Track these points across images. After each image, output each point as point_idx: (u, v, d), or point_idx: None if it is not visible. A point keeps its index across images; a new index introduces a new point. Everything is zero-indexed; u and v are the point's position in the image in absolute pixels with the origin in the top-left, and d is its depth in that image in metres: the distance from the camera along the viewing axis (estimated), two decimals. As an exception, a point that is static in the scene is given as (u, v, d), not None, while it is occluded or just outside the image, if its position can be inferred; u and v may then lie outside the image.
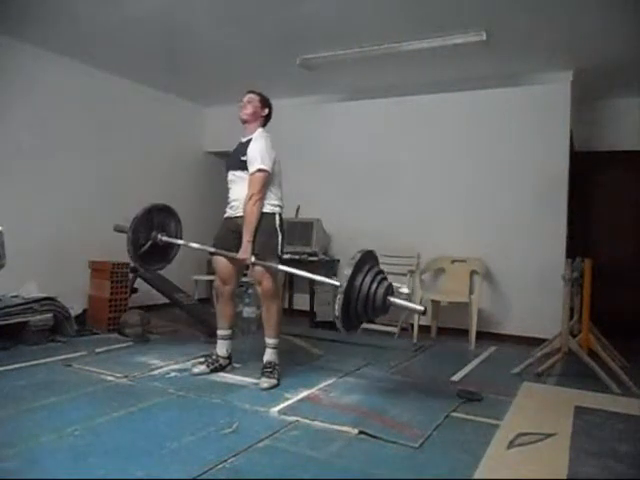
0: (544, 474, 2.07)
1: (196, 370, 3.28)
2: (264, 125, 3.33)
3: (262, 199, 3.11)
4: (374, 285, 2.67)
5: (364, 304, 2.67)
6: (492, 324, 4.87)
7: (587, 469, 2.12)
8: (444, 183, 5.16)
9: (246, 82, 5.37)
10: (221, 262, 3.28)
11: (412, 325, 4.76)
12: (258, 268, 3.12)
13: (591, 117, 5.36)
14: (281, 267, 3.11)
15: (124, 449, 2.15)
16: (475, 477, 2.02)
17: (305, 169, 5.69)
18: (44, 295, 4.06)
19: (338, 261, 5.62)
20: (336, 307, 2.61)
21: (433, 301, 4.87)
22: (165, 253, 3.64)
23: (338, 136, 5.66)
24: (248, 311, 4.85)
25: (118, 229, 4.17)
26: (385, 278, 2.77)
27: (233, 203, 3.28)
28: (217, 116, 6.29)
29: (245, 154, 3.13)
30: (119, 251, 4.95)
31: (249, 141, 3.20)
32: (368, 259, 2.77)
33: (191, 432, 2.33)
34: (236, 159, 3.21)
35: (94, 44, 4.49)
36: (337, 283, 2.74)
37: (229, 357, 3.38)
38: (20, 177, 4.49)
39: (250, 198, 3.08)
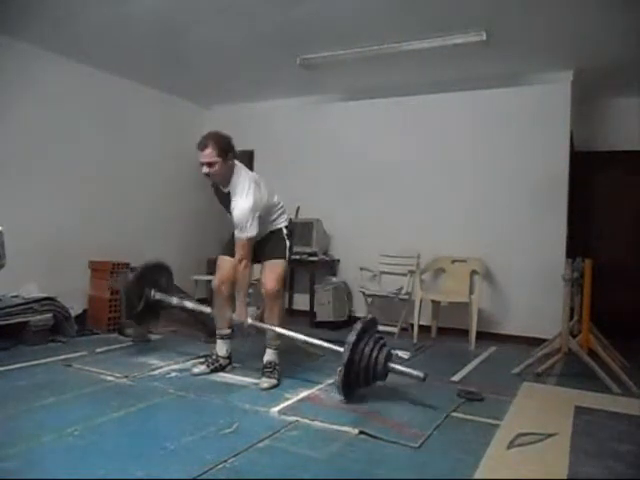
0: (544, 474, 2.07)
1: (196, 370, 3.29)
2: (234, 163, 3.21)
3: (250, 262, 3.14)
4: (375, 353, 2.83)
5: (365, 371, 2.81)
6: (492, 324, 4.88)
7: (587, 469, 2.13)
8: (444, 183, 5.16)
9: (246, 82, 5.43)
10: (228, 262, 3.28)
11: (412, 325, 4.75)
12: (266, 268, 3.21)
13: (591, 117, 5.36)
14: (280, 330, 3.15)
15: (124, 449, 2.15)
16: (475, 477, 2.02)
17: (305, 169, 5.71)
18: (44, 295, 4.07)
19: (338, 261, 5.62)
20: (337, 378, 2.78)
21: (433, 301, 4.87)
22: (157, 307, 3.75)
23: (338, 136, 5.66)
24: (248, 311, 4.83)
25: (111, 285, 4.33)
26: (384, 345, 2.92)
27: None
28: (217, 116, 6.28)
29: (230, 212, 3.13)
30: (119, 251, 4.98)
31: (230, 193, 3.15)
32: (369, 328, 2.94)
33: (191, 432, 2.33)
34: (225, 205, 3.22)
35: (94, 44, 4.49)
36: (340, 349, 2.82)
37: (229, 357, 3.39)
38: (20, 177, 4.48)
39: (239, 262, 3.09)
